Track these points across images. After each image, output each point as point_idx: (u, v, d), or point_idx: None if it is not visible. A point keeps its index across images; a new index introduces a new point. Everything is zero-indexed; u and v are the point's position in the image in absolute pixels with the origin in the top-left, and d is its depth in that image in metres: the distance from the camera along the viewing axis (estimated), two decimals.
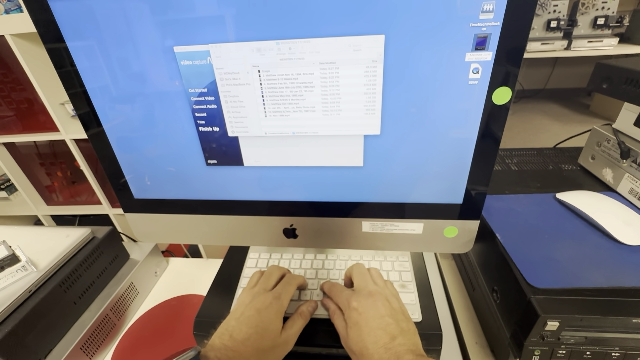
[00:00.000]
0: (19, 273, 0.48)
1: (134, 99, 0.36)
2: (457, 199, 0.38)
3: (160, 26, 0.31)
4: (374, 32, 0.29)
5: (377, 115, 0.33)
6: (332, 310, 0.39)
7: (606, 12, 2.28)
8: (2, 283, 0.46)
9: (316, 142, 0.36)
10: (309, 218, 0.42)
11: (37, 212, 1.17)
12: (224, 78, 0.33)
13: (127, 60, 0.34)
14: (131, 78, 0.35)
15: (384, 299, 0.35)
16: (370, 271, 0.40)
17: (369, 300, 0.35)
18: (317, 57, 0.31)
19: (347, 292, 0.37)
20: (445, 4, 0.28)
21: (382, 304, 0.34)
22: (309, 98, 0.33)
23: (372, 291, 0.36)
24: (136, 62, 0.34)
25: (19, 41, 0.84)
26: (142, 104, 0.36)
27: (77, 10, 0.31)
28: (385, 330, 0.32)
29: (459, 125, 0.33)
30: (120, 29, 0.32)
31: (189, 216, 0.43)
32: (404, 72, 0.31)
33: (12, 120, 1.04)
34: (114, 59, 0.34)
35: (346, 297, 0.37)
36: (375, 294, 0.35)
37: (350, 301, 0.35)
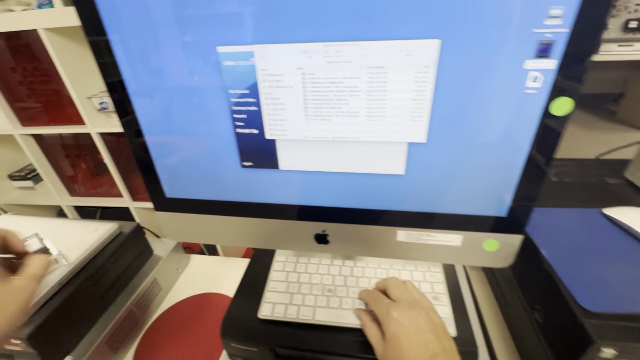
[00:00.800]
0: (51, 266, 0.49)
1: (173, 97, 0.35)
2: (501, 211, 0.36)
3: (204, 25, 0.31)
4: (429, 37, 0.28)
5: (424, 123, 0.32)
6: (364, 320, 0.38)
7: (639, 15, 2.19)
8: None
9: (357, 148, 0.35)
10: (342, 224, 0.41)
11: (60, 202, 1.20)
12: (267, 80, 0.32)
13: (168, 59, 0.33)
14: (171, 76, 0.34)
15: (425, 313, 0.33)
16: (406, 283, 0.38)
17: (411, 312, 0.33)
18: (365, 61, 0.30)
19: (387, 301, 0.36)
20: (508, 8, 0.26)
21: (423, 319, 0.33)
22: (353, 103, 0.32)
23: (412, 303, 0.35)
24: (177, 61, 0.33)
25: (51, 35, 0.86)
26: (180, 103, 0.36)
27: (122, 6, 0.31)
28: (427, 347, 0.31)
29: (511, 136, 0.31)
30: (164, 26, 0.31)
31: (220, 217, 0.43)
32: (457, 78, 0.29)
33: (40, 112, 1.07)
34: (156, 57, 0.33)
35: (386, 306, 0.35)
36: (417, 307, 0.34)
37: (390, 311, 0.34)
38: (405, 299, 0.35)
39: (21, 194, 1.26)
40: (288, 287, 0.45)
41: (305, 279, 0.46)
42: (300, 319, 0.41)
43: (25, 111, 1.07)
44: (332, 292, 0.44)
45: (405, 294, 0.36)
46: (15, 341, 0.43)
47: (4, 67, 1.01)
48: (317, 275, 0.46)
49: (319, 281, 0.45)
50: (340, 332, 0.40)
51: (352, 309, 0.42)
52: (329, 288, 0.44)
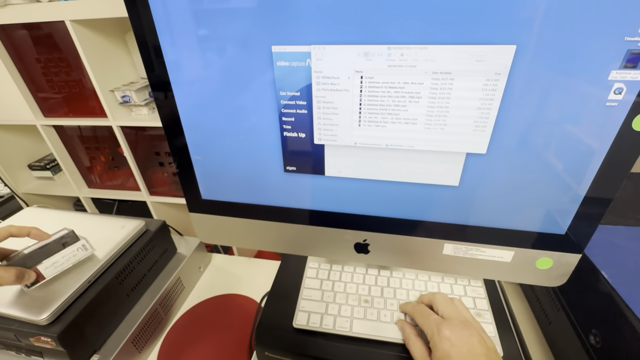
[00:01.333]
0: (80, 252, 0.48)
1: (218, 96, 0.34)
2: (560, 229, 0.34)
3: (260, 23, 0.29)
4: (504, 42, 0.26)
5: (487, 133, 0.30)
6: (408, 334, 0.36)
7: None
8: (68, 262, 0.46)
9: (410, 156, 0.33)
10: (385, 235, 0.39)
11: (78, 193, 1.20)
12: (321, 82, 0.31)
13: (219, 57, 0.32)
14: (220, 75, 0.33)
15: (479, 335, 0.32)
16: (454, 301, 0.37)
17: (464, 333, 0.32)
18: (431, 66, 0.28)
19: (436, 317, 0.34)
20: (598, 14, 0.24)
21: (477, 340, 0.31)
22: (412, 109, 0.30)
23: (465, 322, 0.33)
24: (228, 60, 0.32)
25: (77, 27, 0.85)
26: (225, 103, 0.34)
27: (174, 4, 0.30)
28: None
29: (583, 151, 0.29)
30: (217, 21, 0.30)
31: (257, 222, 0.41)
32: (530, 88, 0.27)
33: (61, 103, 1.07)
34: (204, 53, 0.32)
35: (435, 322, 0.33)
36: (470, 327, 0.32)
37: (441, 328, 0.32)
38: (457, 317, 0.34)
39: (40, 184, 1.27)
40: (323, 295, 0.43)
41: (340, 288, 0.44)
42: (337, 330, 0.39)
43: (47, 102, 1.07)
44: (368, 303, 0.42)
45: (456, 312, 0.35)
46: (46, 339, 0.42)
47: (28, 57, 1.01)
48: (352, 284, 0.44)
49: (355, 291, 0.44)
50: (380, 345, 0.38)
51: (391, 321, 0.40)
52: (365, 299, 0.43)
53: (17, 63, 1.00)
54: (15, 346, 0.46)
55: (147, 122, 0.97)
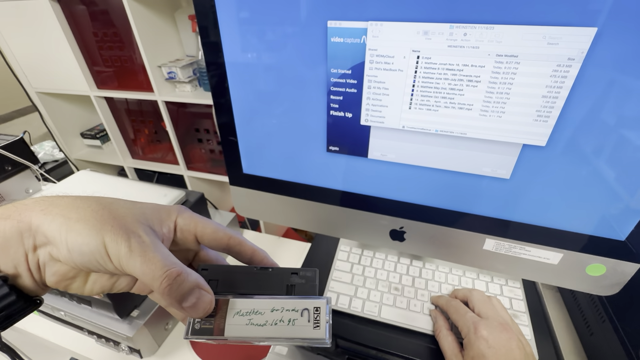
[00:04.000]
0: None
1: (269, 71, 0.34)
2: (620, 234, 0.31)
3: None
4: (583, 24, 0.24)
5: (550, 124, 0.28)
6: (440, 326, 0.36)
7: None
8: None
9: (461, 144, 0.32)
10: (424, 223, 0.38)
11: (123, 163, 1.28)
12: (375, 61, 0.30)
13: (274, 31, 0.32)
14: (273, 49, 0.33)
15: (517, 340, 0.30)
16: (492, 300, 0.35)
17: (503, 336, 0.30)
18: (495, 48, 0.26)
19: (473, 315, 0.33)
20: None
21: (516, 346, 0.30)
22: (468, 94, 0.29)
23: (504, 325, 0.31)
24: (283, 34, 0.32)
25: (132, 3, 0.89)
26: (275, 78, 0.34)
27: None
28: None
29: None
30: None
31: (295, 199, 0.42)
32: (607, 76, 0.25)
33: (113, 76, 1.13)
34: (260, 26, 0.32)
35: (472, 320, 0.32)
36: (510, 331, 0.31)
37: (478, 327, 0.31)
38: (496, 319, 0.32)
39: (90, 152, 1.36)
40: (352, 279, 0.43)
41: (371, 274, 0.44)
42: (366, 313, 0.40)
43: (100, 74, 1.14)
44: (399, 291, 0.42)
45: (495, 312, 0.33)
46: None
47: (87, 32, 1.07)
48: (383, 271, 0.44)
49: (385, 278, 0.43)
50: (407, 334, 0.38)
51: (420, 311, 0.40)
52: (395, 286, 0.42)
53: (77, 36, 1.07)
54: (67, 293, 0.51)
55: (189, 98, 1.01)
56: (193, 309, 0.20)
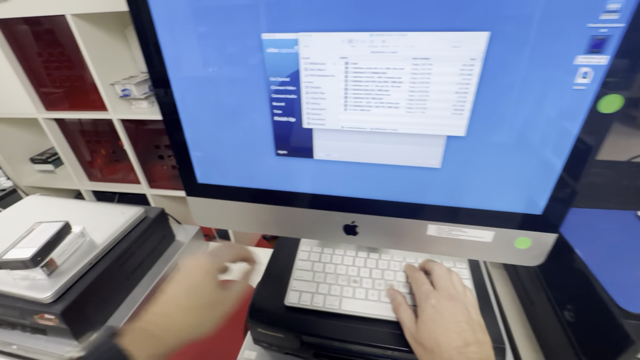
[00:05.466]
0: (80, 239, 0.50)
1: (212, 83, 0.36)
2: (537, 209, 0.36)
3: (250, 12, 0.31)
4: (478, 29, 0.28)
5: (465, 117, 0.32)
6: (398, 301, 0.39)
7: None
8: (71, 248, 0.48)
9: (394, 139, 0.35)
10: (372, 216, 0.41)
11: (80, 186, 1.22)
12: (309, 68, 0.33)
13: (211, 43, 0.33)
14: (212, 61, 0.34)
15: (463, 306, 0.34)
16: (452, 274, 0.39)
17: (449, 303, 0.34)
18: (411, 52, 0.30)
19: (428, 287, 0.37)
20: (562, 2, 0.26)
21: (460, 311, 0.34)
22: (394, 94, 0.32)
23: (452, 295, 0.35)
24: (221, 46, 0.33)
25: (78, 21, 0.87)
26: (219, 89, 0.36)
27: None
28: (460, 334, 0.32)
29: (554, 133, 0.31)
30: (211, 11, 0.32)
31: (251, 205, 0.43)
32: (503, 72, 0.29)
33: (62, 97, 1.09)
34: (198, 40, 0.34)
35: (426, 291, 0.37)
36: (456, 299, 0.35)
37: (429, 297, 0.35)
38: (447, 290, 0.36)
39: (41, 177, 1.29)
40: (314, 276, 0.45)
41: (331, 270, 0.46)
42: (327, 308, 0.41)
43: (48, 96, 1.09)
44: (357, 283, 0.44)
45: (449, 284, 0.37)
46: (49, 316, 0.44)
47: (30, 52, 1.02)
48: (343, 266, 0.46)
49: (345, 272, 0.45)
50: (366, 322, 0.40)
51: (378, 300, 0.42)
52: (354, 279, 0.45)
53: (19, 58, 1.02)
54: (20, 324, 0.48)
55: (147, 115, 0.99)
56: None
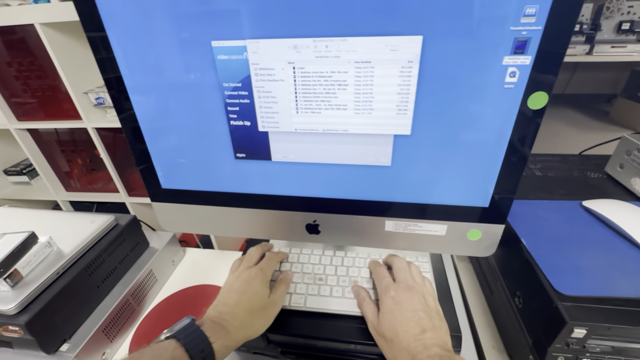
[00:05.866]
0: (47, 249, 0.50)
1: (168, 90, 0.37)
2: (484, 202, 0.37)
3: (199, 20, 0.32)
4: (412, 33, 0.29)
5: (409, 116, 0.33)
6: (362, 297, 0.41)
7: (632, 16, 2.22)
8: (37, 259, 0.48)
9: (346, 140, 0.36)
10: (332, 215, 0.42)
11: (56, 197, 1.20)
12: (259, 74, 0.34)
13: (164, 52, 0.34)
14: (167, 70, 0.35)
15: (420, 296, 0.36)
16: (411, 267, 0.41)
17: (407, 294, 0.36)
18: (353, 56, 0.31)
19: (388, 280, 0.39)
20: (487, 7, 0.28)
21: (418, 300, 0.36)
22: (341, 96, 0.34)
23: (410, 286, 0.37)
24: (173, 55, 0.34)
25: (47, 30, 0.86)
26: (176, 96, 0.37)
27: (119, 3, 0.32)
28: (418, 322, 0.33)
29: (492, 129, 0.33)
30: (161, 21, 0.33)
31: (214, 208, 0.44)
32: (440, 73, 0.31)
33: (36, 107, 1.07)
34: (152, 50, 0.34)
35: (386, 284, 0.38)
36: (413, 290, 0.37)
37: (389, 289, 0.37)
38: (406, 281, 0.38)
39: (16, 189, 1.26)
40: None
41: (298, 269, 0.47)
42: (292, 306, 0.42)
43: (21, 106, 1.07)
44: (323, 281, 0.45)
45: (407, 276, 0.39)
46: (14, 328, 0.44)
47: (0, 62, 1.01)
48: (309, 265, 0.47)
49: (311, 270, 0.47)
50: (330, 318, 0.41)
51: (342, 296, 0.43)
52: (320, 277, 0.46)
53: None
54: None
55: None
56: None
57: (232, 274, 0.43)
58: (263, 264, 0.43)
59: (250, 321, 0.37)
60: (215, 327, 0.33)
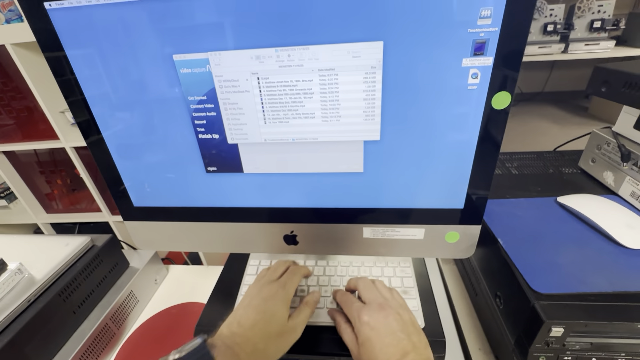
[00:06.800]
0: (17, 276, 0.48)
1: (133, 107, 0.36)
2: (458, 204, 0.37)
3: (158, 35, 0.32)
4: (372, 39, 0.29)
5: (377, 121, 0.33)
6: (338, 323, 0.38)
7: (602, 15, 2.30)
8: (6, 287, 0.46)
9: (316, 148, 0.36)
10: (309, 224, 0.41)
11: (36, 220, 1.17)
12: (223, 85, 0.33)
13: (126, 69, 0.34)
14: (130, 86, 0.35)
15: (395, 313, 0.34)
16: (376, 283, 0.39)
17: (381, 315, 0.34)
18: (316, 64, 0.31)
19: (358, 305, 0.37)
20: (443, 10, 0.28)
21: (393, 318, 0.33)
22: (308, 104, 0.33)
23: (382, 304, 0.35)
24: (135, 71, 0.34)
25: (19, 50, 0.85)
26: (141, 112, 0.36)
27: (75, 19, 0.32)
28: (397, 346, 0.31)
29: (459, 130, 0.33)
30: (119, 37, 0.32)
31: (189, 223, 0.43)
32: (403, 77, 0.31)
33: (12, 129, 1.05)
34: (113, 68, 0.34)
35: (357, 310, 0.36)
36: (386, 308, 0.34)
37: (361, 315, 0.35)
38: (376, 300, 0.36)
39: None
40: None
41: None
42: None
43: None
44: (304, 292, 0.44)
45: (376, 294, 0.37)
46: None
47: None
48: None
49: None
50: (313, 330, 0.40)
51: (324, 307, 0.42)
52: (301, 288, 0.45)
53: None
54: None
55: None
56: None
57: (255, 284, 0.40)
58: (286, 279, 0.40)
59: (265, 348, 0.34)
60: (227, 353, 0.31)
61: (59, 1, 0.31)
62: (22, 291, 0.47)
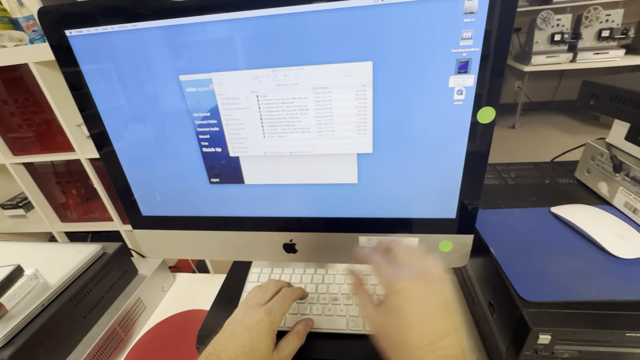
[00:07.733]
0: (33, 281, 0.51)
1: (143, 122, 0.39)
2: (451, 213, 0.39)
3: (166, 57, 0.34)
4: (362, 59, 0.32)
5: (369, 135, 0.35)
6: (354, 284, 0.34)
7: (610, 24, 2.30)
8: (23, 292, 0.49)
9: (312, 160, 0.38)
10: (307, 233, 0.43)
11: (52, 229, 1.21)
12: (225, 103, 0.36)
13: (136, 88, 0.37)
14: (139, 104, 0.37)
15: (432, 290, 0.28)
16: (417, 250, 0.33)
17: (421, 286, 0.28)
18: (310, 83, 0.33)
19: (389, 273, 0.30)
20: (427, 33, 0.30)
21: (431, 296, 0.28)
22: (304, 120, 0.35)
23: (422, 275, 0.29)
24: (144, 90, 0.36)
25: (40, 68, 0.90)
26: (150, 127, 0.39)
27: (93, 44, 0.35)
28: (432, 327, 0.27)
29: (448, 143, 0.34)
30: (130, 60, 0.35)
31: (194, 232, 0.45)
32: (392, 94, 0.33)
33: (31, 141, 1.10)
34: (124, 86, 0.37)
35: (392, 274, 0.30)
36: (424, 281, 0.29)
37: (397, 281, 0.29)
38: (414, 268, 0.30)
39: (12, 223, 1.28)
40: None
41: None
42: None
43: (17, 141, 1.10)
44: (303, 300, 0.46)
45: (417, 261, 0.31)
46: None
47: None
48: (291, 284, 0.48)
49: None
50: (311, 337, 0.41)
51: (322, 314, 0.43)
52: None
53: None
54: None
55: None
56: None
57: (241, 307, 0.37)
58: (274, 305, 0.36)
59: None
60: None
61: (78, 29, 0.34)
62: (37, 296, 0.50)
